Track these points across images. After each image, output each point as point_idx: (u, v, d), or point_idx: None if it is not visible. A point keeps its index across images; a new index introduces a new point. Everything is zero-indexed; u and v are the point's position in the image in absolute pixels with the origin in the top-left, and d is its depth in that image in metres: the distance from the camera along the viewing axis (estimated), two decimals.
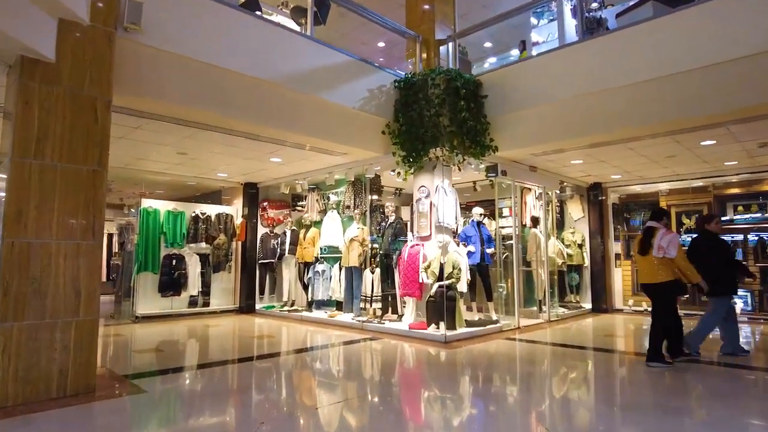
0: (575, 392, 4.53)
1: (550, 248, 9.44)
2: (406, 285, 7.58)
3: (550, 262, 9.36)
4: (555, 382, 4.88)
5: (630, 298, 10.71)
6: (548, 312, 9.00)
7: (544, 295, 9.14)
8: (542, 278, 9.19)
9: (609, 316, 9.78)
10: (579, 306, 10.32)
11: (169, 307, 9.61)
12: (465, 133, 6.88)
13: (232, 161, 8.32)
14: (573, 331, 8.18)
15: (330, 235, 9.37)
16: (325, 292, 9.34)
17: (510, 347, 6.61)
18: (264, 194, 10.71)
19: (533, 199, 9.53)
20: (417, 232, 7.87)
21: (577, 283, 10.84)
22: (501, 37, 10.82)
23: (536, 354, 6.23)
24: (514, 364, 5.71)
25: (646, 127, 6.27)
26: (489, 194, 10.37)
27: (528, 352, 6.32)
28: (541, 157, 8.04)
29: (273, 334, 7.62)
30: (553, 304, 9.24)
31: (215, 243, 10.29)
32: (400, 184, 10.79)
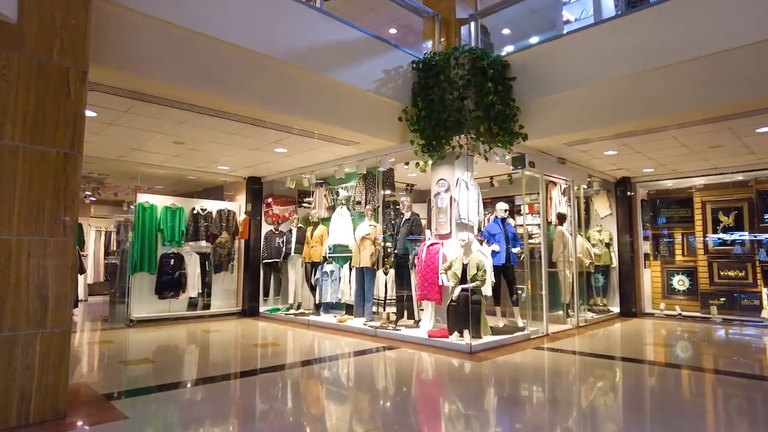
0: (628, 415, 3.82)
1: (578, 247, 8.71)
2: (424, 288, 6.89)
3: (581, 263, 8.63)
4: (603, 403, 4.16)
5: (661, 302, 9.98)
6: (576, 317, 8.27)
7: (571, 298, 8.42)
8: (569, 280, 8.47)
9: (640, 321, 9.04)
10: (607, 310, 9.59)
11: (166, 310, 8.95)
12: (492, 119, 6.16)
13: (234, 152, 7.64)
14: (606, 338, 7.45)
15: (339, 233, 8.68)
16: (333, 295, 8.65)
17: (542, 358, 5.89)
18: (268, 189, 10.04)
19: (558, 195, 8.79)
20: (435, 230, 7.18)
21: (602, 285, 10.10)
22: (521, 22, 10.11)
23: (572, 366, 5.51)
24: (549, 379, 5.00)
25: (698, 110, 5.53)
26: (506, 190, 9.66)
27: (563, 365, 5.60)
28: (572, 147, 7.31)
29: (278, 342, 6.94)
30: (581, 308, 8.51)
31: (217, 242, 9.63)
32: (412, 179, 10.12)
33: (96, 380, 4.61)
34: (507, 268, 7.32)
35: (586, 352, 6.24)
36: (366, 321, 7.82)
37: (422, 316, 7.35)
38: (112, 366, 5.25)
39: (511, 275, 7.39)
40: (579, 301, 8.43)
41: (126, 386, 4.39)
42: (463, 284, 6.37)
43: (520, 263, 7.62)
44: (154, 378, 4.78)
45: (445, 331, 6.50)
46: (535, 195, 8.37)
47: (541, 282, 7.59)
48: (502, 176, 9.50)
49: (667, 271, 10.12)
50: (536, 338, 7.06)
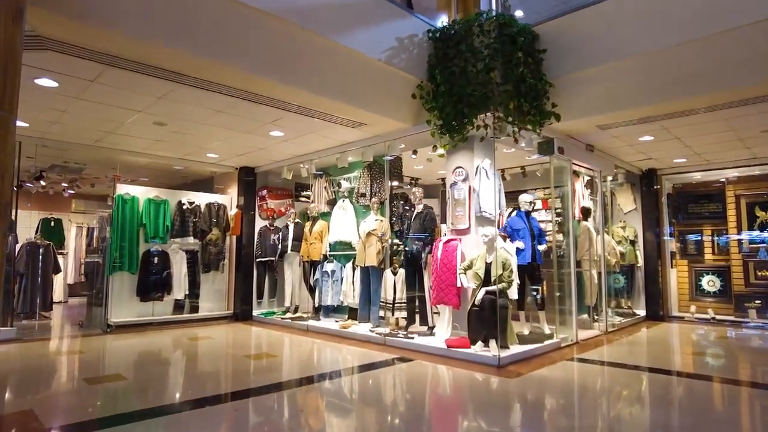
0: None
1: (604, 245, 7.89)
2: (441, 290, 6.05)
3: (606, 262, 7.82)
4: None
5: (688, 304, 9.19)
6: (605, 321, 7.46)
7: (598, 300, 7.61)
8: (595, 281, 7.65)
9: (670, 326, 8.25)
10: (632, 313, 8.79)
11: (149, 314, 8.06)
12: (523, 94, 5.33)
13: (224, 136, 6.76)
14: (643, 346, 6.65)
15: (341, 229, 7.84)
16: (335, 297, 7.80)
17: (581, 373, 5.07)
18: (262, 181, 9.16)
19: (582, 187, 7.99)
20: (452, 224, 6.35)
21: (623, 285, 9.30)
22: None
23: (621, 384, 4.68)
24: (598, 400, 4.18)
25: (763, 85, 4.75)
26: (518, 184, 8.82)
27: (608, 381, 4.78)
28: (605, 132, 6.50)
29: (274, 352, 6.08)
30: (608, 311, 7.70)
31: (207, 238, 8.75)
32: (418, 172, 9.30)
33: (47, 406, 3.73)
34: (532, 267, 6.50)
35: (629, 364, 5.42)
36: (372, 327, 6.98)
37: (437, 321, 6.51)
38: (73, 385, 4.38)
39: (537, 276, 6.58)
40: (606, 304, 7.62)
41: (81, 415, 3.52)
42: (486, 286, 5.55)
43: (547, 262, 6.81)
44: (122, 402, 3.91)
45: (465, 340, 5.66)
46: (549, 189, 7.54)
47: (567, 283, 6.78)
48: (513, 169, 8.72)
49: (695, 271, 9.34)
50: (566, 347, 6.25)
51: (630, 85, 5.37)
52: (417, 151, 7.72)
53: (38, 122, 6.07)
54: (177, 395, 4.14)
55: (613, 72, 5.42)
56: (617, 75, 5.41)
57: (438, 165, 9.46)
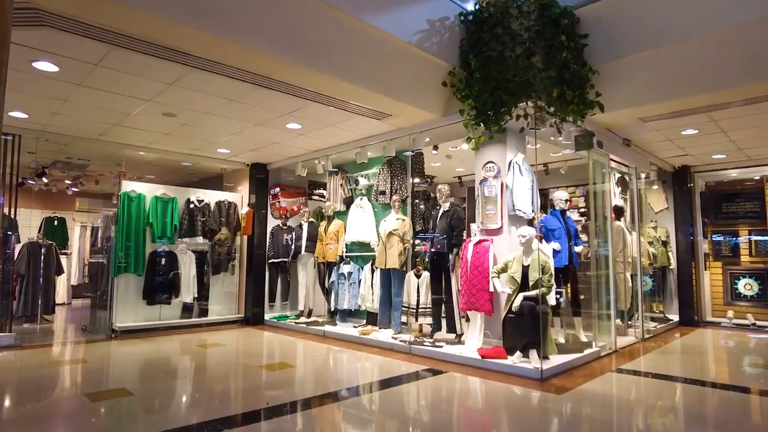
0: None
1: (636, 246, 7.41)
2: (471, 295, 5.59)
3: (636, 264, 7.34)
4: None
5: (726, 309, 8.69)
6: (641, 327, 6.99)
7: (633, 305, 7.14)
8: (629, 284, 7.18)
9: (706, 332, 7.76)
10: (665, 318, 8.31)
11: (156, 318, 7.64)
12: (567, 81, 4.87)
13: (236, 128, 6.32)
14: (687, 354, 6.16)
15: (359, 229, 7.40)
16: (352, 300, 7.36)
17: (631, 387, 4.59)
18: (275, 179, 8.72)
19: (613, 184, 7.51)
20: (482, 224, 5.89)
21: (650, 288, 8.81)
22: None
23: (679, 401, 4.21)
24: (665, 422, 3.71)
25: None
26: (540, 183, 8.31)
27: (664, 397, 4.30)
28: (647, 125, 6.02)
29: (289, 361, 5.64)
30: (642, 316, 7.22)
31: (216, 238, 8.32)
32: (434, 170, 8.84)
33: (43, 428, 3.30)
34: (568, 270, 6.04)
35: (678, 377, 4.94)
36: (394, 333, 6.53)
37: (465, 328, 6.06)
38: (74, 401, 3.94)
39: (573, 279, 6.11)
40: (643, 309, 7.15)
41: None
42: (522, 291, 5.10)
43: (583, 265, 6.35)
44: (127, 425, 3.47)
45: (500, 349, 5.20)
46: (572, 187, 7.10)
47: (603, 287, 6.31)
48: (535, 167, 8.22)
49: (731, 274, 8.84)
50: (605, 356, 5.78)
51: (680, 72, 4.90)
52: (438, 147, 7.29)
53: (38, 113, 5.64)
54: (187, 415, 3.70)
55: (660, 58, 4.96)
56: (665, 61, 4.94)
57: (455, 162, 9.02)
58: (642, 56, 5.06)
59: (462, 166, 9.36)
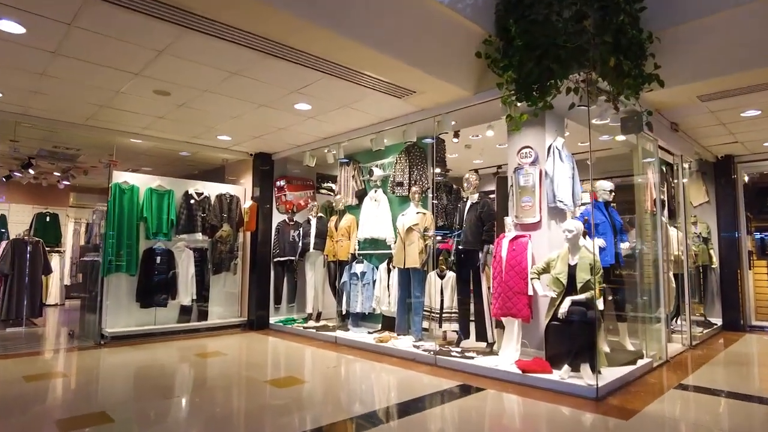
0: None
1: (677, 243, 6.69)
2: (507, 299, 4.89)
3: (680, 263, 6.62)
4: None
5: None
6: (689, 333, 6.27)
7: (679, 308, 6.43)
8: (672, 284, 6.47)
9: (757, 338, 7.04)
10: (707, 322, 7.59)
11: (150, 322, 6.96)
12: (624, 49, 4.15)
13: (238, 110, 5.62)
14: (749, 366, 5.43)
15: (373, 224, 6.71)
16: (365, 303, 6.67)
17: (706, 409, 3.88)
18: (281, 170, 8.03)
19: (652, 175, 6.79)
20: (516, 217, 5.20)
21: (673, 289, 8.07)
22: None
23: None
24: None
25: None
26: None
27: (751, 422, 3.59)
28: (704, 105, 5.30)
29: (299, 375, 4.94)
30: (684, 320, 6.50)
31: (217, 235, 7.64)
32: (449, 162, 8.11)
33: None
34: (613, 270, 5.33)
35: (755, 396, 4.22)
36: (414, 341, 5.83)
37: (497, 336, 5.35)
38: (40, 430, 3.25)
39: (619, 280, 5.40)
40: (690, 312, 6.43)
41: None
42: (569, 294, 4.39)
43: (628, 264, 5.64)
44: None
45: (542, 362, 4.50)
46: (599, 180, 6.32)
47: (651, 289, 5.61)
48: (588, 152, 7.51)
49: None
50: (657, 367, 5.08)
51: (753, 39, 4.16)
52: (459, 134, 6.60)
53: (13, 90, 4.96)
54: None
55: (730, 23, 4.21)
56: (735, 27, 4.19)
57: (473, 153, 8.30)
58: (707, 21, 4.32)
59: (481, 158, 8.65)
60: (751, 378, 4.91)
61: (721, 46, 4.33)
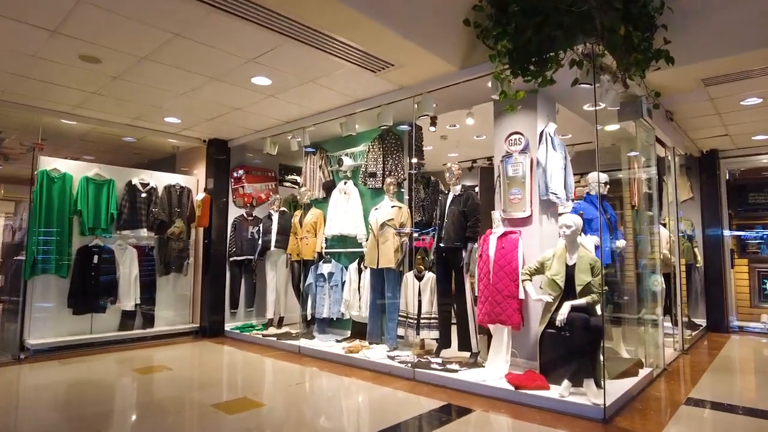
0: None
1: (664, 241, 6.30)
2: (495, 303, 4.30)
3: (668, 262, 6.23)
4: None
5: (754, 312, 7.72)
6: (681, 337, 5.87)
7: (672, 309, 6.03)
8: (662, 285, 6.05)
9: (744, 339, 6.75)
10: (693, 323, 7.26)
11: (85, 331, 6.06)
12: (634, 19, 3.62)
13: (187, 84, 4.82)
14: (751, 373, 5.03)
15: (343, 219, 6.02)
16: (333, 307, 5.98)
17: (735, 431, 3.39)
18: (238, 158, 7.23)
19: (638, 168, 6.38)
20: (504, 211, 4.63)
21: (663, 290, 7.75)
22: None
23: None
24: None
25: None
26: None
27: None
28: (705, 91, 4.86)
29: (255, 395, 4.21)
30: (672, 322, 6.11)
31: (169, 232, 6.79)
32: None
33: None
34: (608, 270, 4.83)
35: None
36: (388, 350, 5.18)
37: (480, 345, 4.77)
38: None
39: (615, 282, 4.92)
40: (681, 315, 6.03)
41: None
42: (566, 299, 3.84)
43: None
44: None
45: (535, 376, 3.93)
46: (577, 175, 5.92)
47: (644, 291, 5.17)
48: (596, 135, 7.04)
49: (759, 273, 7.88)
50: (657, 377, 4.60)
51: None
52: (437, 122, 5.99)
53: None
54: None
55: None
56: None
57: (449, 146, 7.72)
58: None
59: (456, 150, 8.09)
60: (760, 389, 4.48)
61: (739, 21, 3.85)
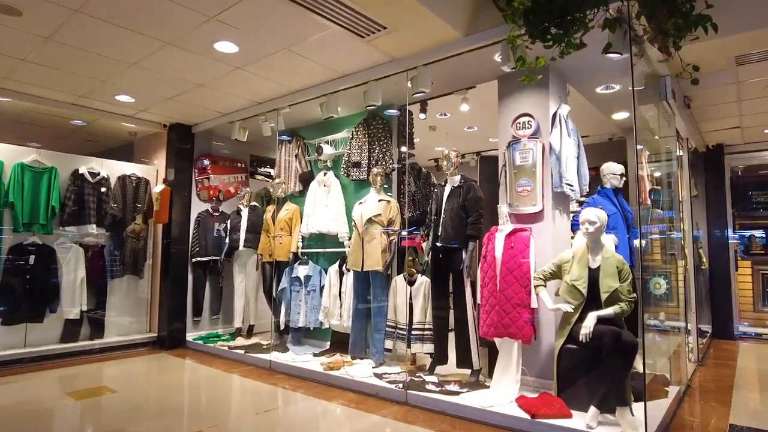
0: None
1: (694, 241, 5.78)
2: (502, 313, 3.65)
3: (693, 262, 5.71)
4: None
5: (759, 317, 7.29)
6: (696, 347, 5.33)
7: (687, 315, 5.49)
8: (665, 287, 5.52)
9: (757, 348, 6.28)
10: (699, 330, 6.73)
11: (18, 344, 5.19)
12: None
13: (137, 52, 4.03)
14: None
15: (322, 215, 5.30)
16: (310, 315, 5.25)
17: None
18: (204, 146, 6.43)
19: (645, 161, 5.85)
20: (511, 205, 4.00)
21: (665, 291, 7.25)
22: None
23: None
24: None
25: None
26: None
27: None
28: (738, 70, 4.31)
29: (219, 427, 3.45)
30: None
31: (129, 229, 6.00)
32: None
33: None
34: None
35: None
36: (375, 366, 4.48)
37: (482, 360, 4.10)
38: None
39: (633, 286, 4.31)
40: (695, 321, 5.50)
41: None
42: (589, 308, 3.23)
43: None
44: None
45: (551, 399, 3.29)
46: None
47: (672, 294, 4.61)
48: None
49: (763, 275, 7.45)
50: (683, 395, 4.03)
51: None
52: (427, 108, 5.36)
53: None
54: None
55: None
56: None
57: (437, 139, 7.07)
58: None
59: (444, 143, 7.44)
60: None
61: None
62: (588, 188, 4.25)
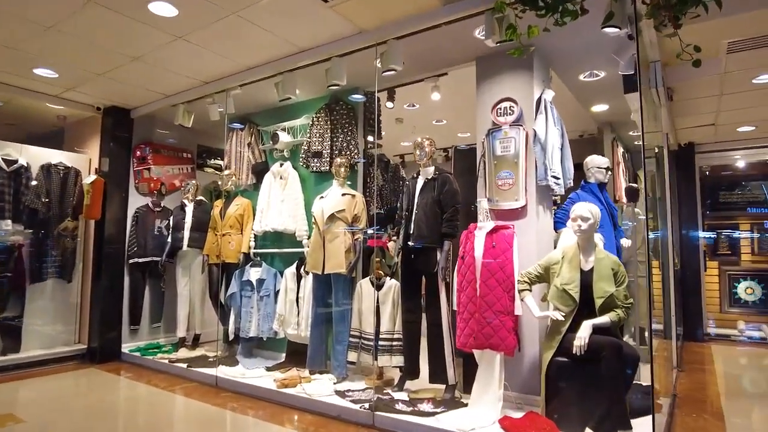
0: None
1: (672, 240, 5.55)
2: (482, 322, 3.21)
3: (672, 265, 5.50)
4: None
5: (724, 317, 7.24)
6: (675, 351, 5.09)
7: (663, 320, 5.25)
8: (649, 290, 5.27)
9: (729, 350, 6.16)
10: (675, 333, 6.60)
11: None
12: None
13: (50, 12, 3.35)
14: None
15: (278, 211, 4.74)
16: (264, 323, 4.68)
17: None
18: (144, 133, 5.70)
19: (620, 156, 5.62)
20: (490, 200, 3.58)
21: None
22: None
23: None
24: None
25: None
26: None
27: None
28: (727, 59, 4.05)
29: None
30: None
31: (62, 227, 5.26)
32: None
33: None
34: None
35: None
36: (336, 382, 3.96)
37: (459, 374, 3.65)
38: None
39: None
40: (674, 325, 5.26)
41: None
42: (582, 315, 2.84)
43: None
44: None
45: (539, 420, 2.87)
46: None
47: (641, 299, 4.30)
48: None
49: (730, 276, 7.41)
50: (674, 408, 3.71)
51: None
52: (395, 95, 4.90)
53: None
54: None
55: None
56: None
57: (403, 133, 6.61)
58: None
59: (411, 138, 6.99)
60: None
61: None
62: (572, 182, 3.89)
